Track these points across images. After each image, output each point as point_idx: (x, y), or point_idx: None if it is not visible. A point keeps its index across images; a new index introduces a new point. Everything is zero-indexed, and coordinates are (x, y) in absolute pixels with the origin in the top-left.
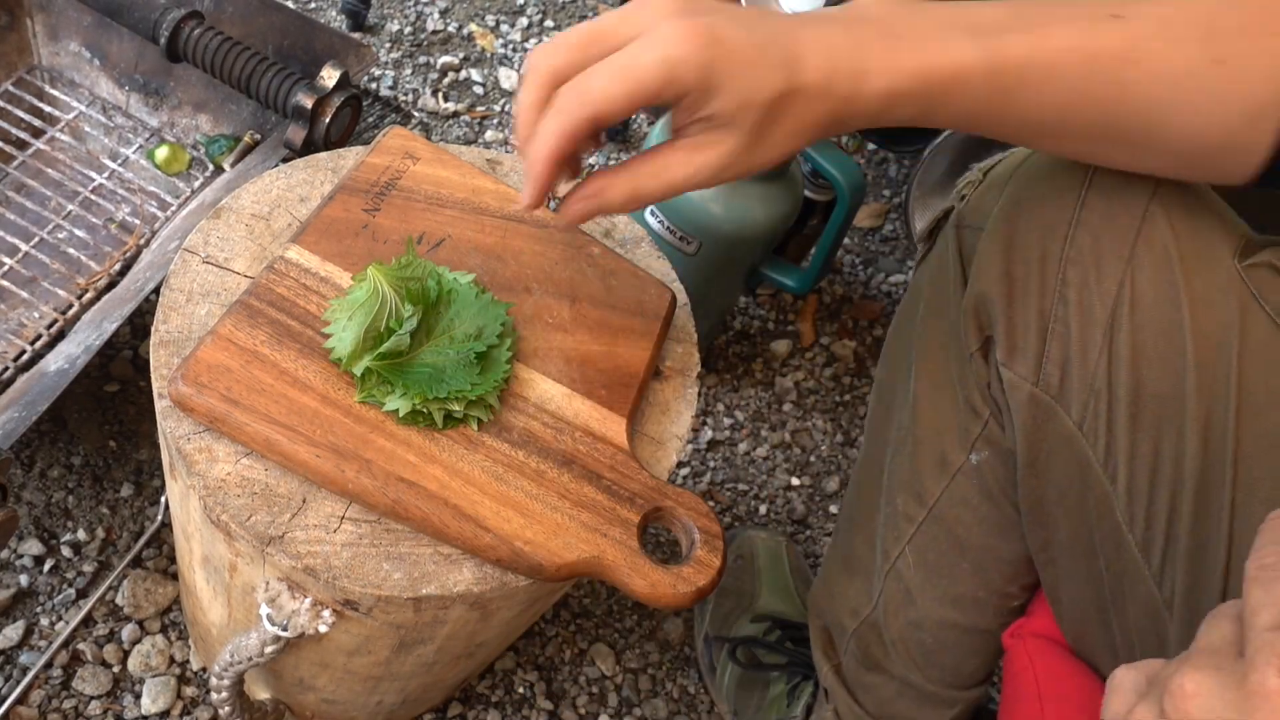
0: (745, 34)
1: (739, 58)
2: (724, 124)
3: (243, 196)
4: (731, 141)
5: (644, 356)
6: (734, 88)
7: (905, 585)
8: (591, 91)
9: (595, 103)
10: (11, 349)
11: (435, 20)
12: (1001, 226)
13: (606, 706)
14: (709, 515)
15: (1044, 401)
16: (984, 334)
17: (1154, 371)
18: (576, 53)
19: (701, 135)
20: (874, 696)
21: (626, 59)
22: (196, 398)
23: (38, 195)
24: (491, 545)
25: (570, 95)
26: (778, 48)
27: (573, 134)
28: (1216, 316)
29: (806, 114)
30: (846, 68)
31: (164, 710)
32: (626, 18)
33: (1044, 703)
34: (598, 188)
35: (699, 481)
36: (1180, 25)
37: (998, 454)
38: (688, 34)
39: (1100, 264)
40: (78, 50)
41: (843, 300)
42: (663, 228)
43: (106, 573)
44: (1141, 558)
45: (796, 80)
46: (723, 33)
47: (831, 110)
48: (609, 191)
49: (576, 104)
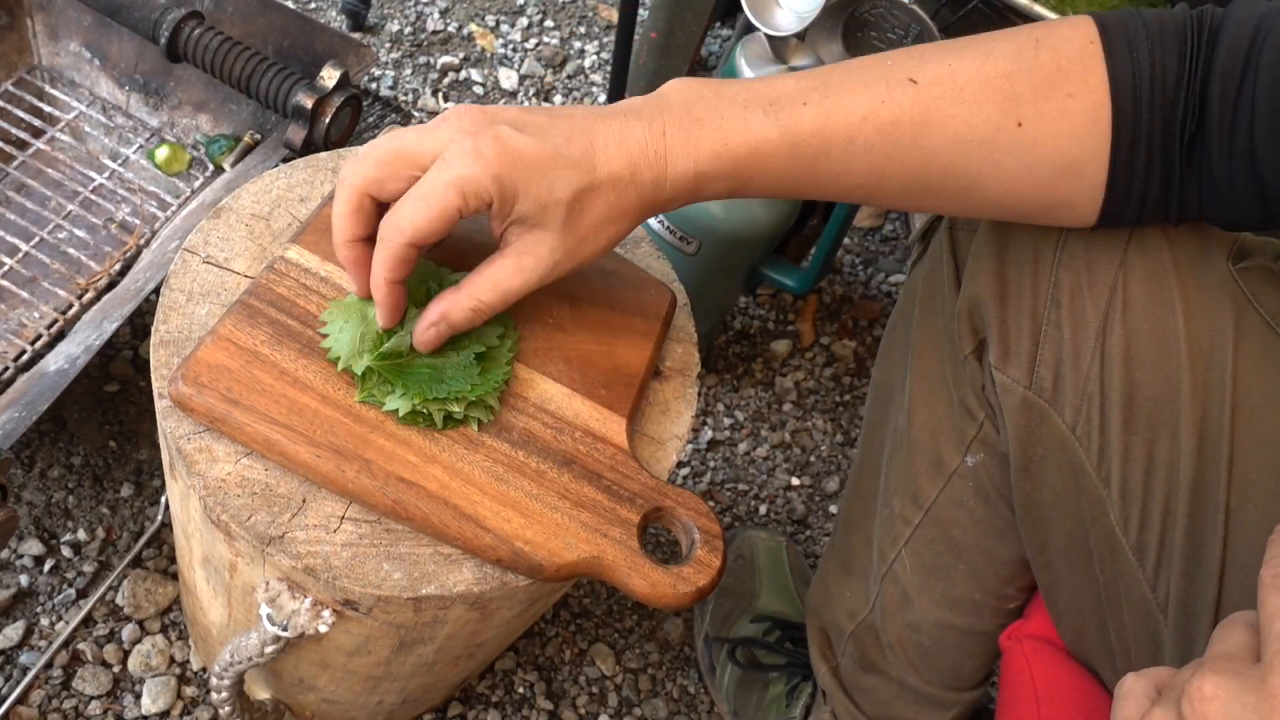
0: (536, 141)
1: (530, 164)
2: (535, 225)
3: (243, 196)
4: (550, 240)
5: (644, 356)
6: (532, 192)
7: (902, 587)
8: (403, 221)
9: (408, 231)
10: (12, 349)
11: (435, 20)
12: (995, 229)
13: (606, 706)
14: (709, 515)
15: (1037, 405)
16: (977, 337)
17: (1147, 374)
18: (383, 169)
19: (520, 241)
20: (871, 698)
21: (425, 187)
22: (196, 398)
23: (38, 195)
24: (491, 545)
25: (388, 229)
26: (572, 146)
27: (400, 259)
28: (1210, 319)
29: (617, 203)
30: (648, 157)
31: (164, 710)
32: (425, 135)
33: (1041, 704)
34: (441, 312)
35: (699, 481)
36: (974, 89)
37: (993, 456)
38: (477, 152)
39: (1092, 267)
40: (78, 50)
41: (843, 300)
42: (663, 228)
43: (106, 573)
44: (1136, 561)
45: (594, 175)
46: (513, 143)
47: (639, 197)
48: (453, 312)
49: (395, 234)
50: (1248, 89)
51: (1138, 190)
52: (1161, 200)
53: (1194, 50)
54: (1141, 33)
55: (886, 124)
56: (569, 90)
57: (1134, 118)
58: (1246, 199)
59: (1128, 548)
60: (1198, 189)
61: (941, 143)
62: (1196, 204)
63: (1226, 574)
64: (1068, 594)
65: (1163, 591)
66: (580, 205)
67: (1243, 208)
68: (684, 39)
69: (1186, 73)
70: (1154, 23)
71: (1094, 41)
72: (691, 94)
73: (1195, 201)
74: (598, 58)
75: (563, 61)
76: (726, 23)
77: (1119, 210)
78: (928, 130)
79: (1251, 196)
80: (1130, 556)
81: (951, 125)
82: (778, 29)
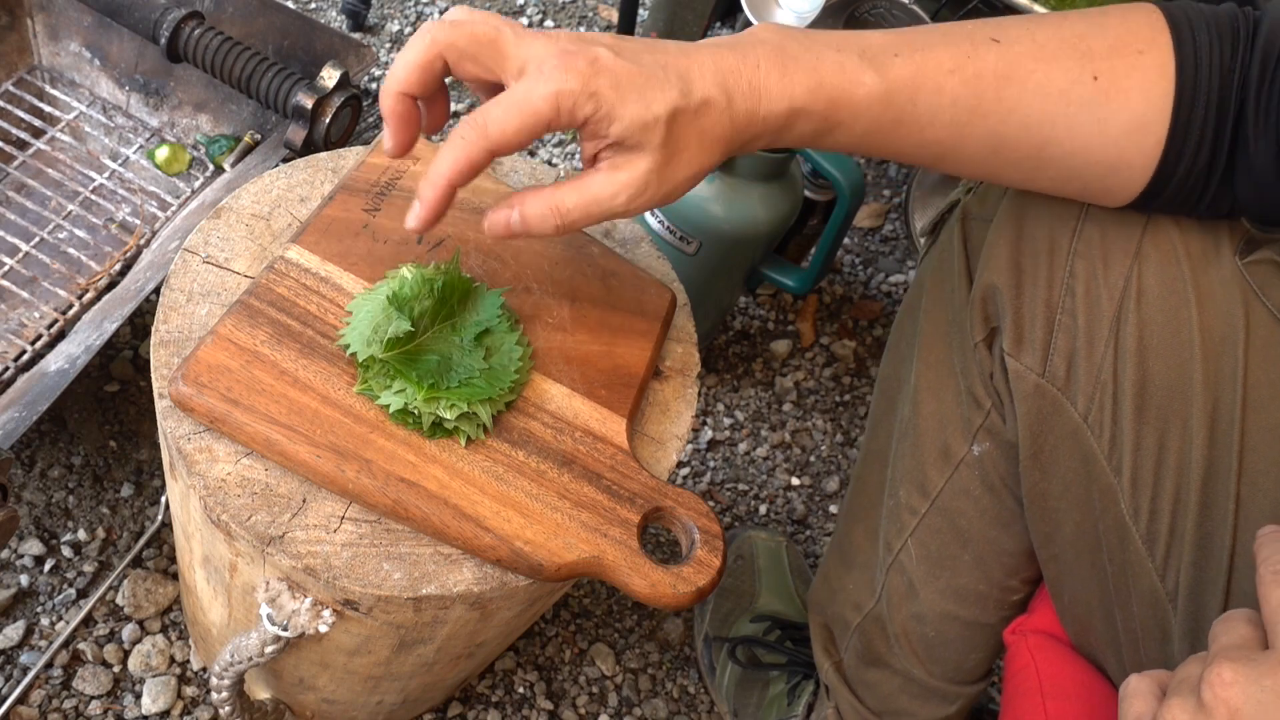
0: (631, 62)
1: (627, 83)
2: (632, 146)
3: (243, 196)
4: (646, 161)
5: (644, 356)
6: (628, 111)
7: (908, 578)
8: (490, 125)
9: (493, 136)
10: (12, 349)
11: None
12: (1010, 218)
13: (606, 706)
14: (709, 515)
15: (1050, 393)
16: (990, 324)
17: (1160, 364)
18: (472, 45)
19: (616, 158)
20: (875, 692)
21: (520, 94)
22: (197, 398)
23: (38, 195)
24: (491, 545)
25: (470, 128)
26: (667, 70)
27: (473, 164)
28: (1222, 311)
29: (711, 129)
30: (742, 86)
31: (164, 710)
32: (523, 40)
33: (1046, 699)
34: (519, 199)
35: (699, 481)
36: (1054, 46)
37: (999, 445)
38: (574, 66)
39: (1108, 257)
40: (78, 50)
41: (843, 300)
42: (663, 228)
43: (107, 573)
44: (1146, 550)
45: (691, 97)
46: (609, 63)
47: (733, 125)
48: (530, 205)
49: (478, 136)
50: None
51: (1185, 165)
52: (1203, 182)
53: (1245, 37)
54: (1199, 16)
55: (971, 76)
56: None
57: (1194, 88)
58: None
59: (1137, 536)
60: (1233, 175)
61: (1021, 95)
62: (1230, 192)
63: (1236, 563)
64: (1074, 585)
65: (1172, 581)
66: (677, 126)
67: (1271, 197)
68: (684, 39)
69: (1238, 59)
70: (1209, 11)
71: (1157, 14)
72: (784, 34)
73: (1229, 190)
74: None
75: None
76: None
77: (1163, 184)
78: (1010, 84)
79: None
80: (1140, 546)
81: (1032, 79)
82: None
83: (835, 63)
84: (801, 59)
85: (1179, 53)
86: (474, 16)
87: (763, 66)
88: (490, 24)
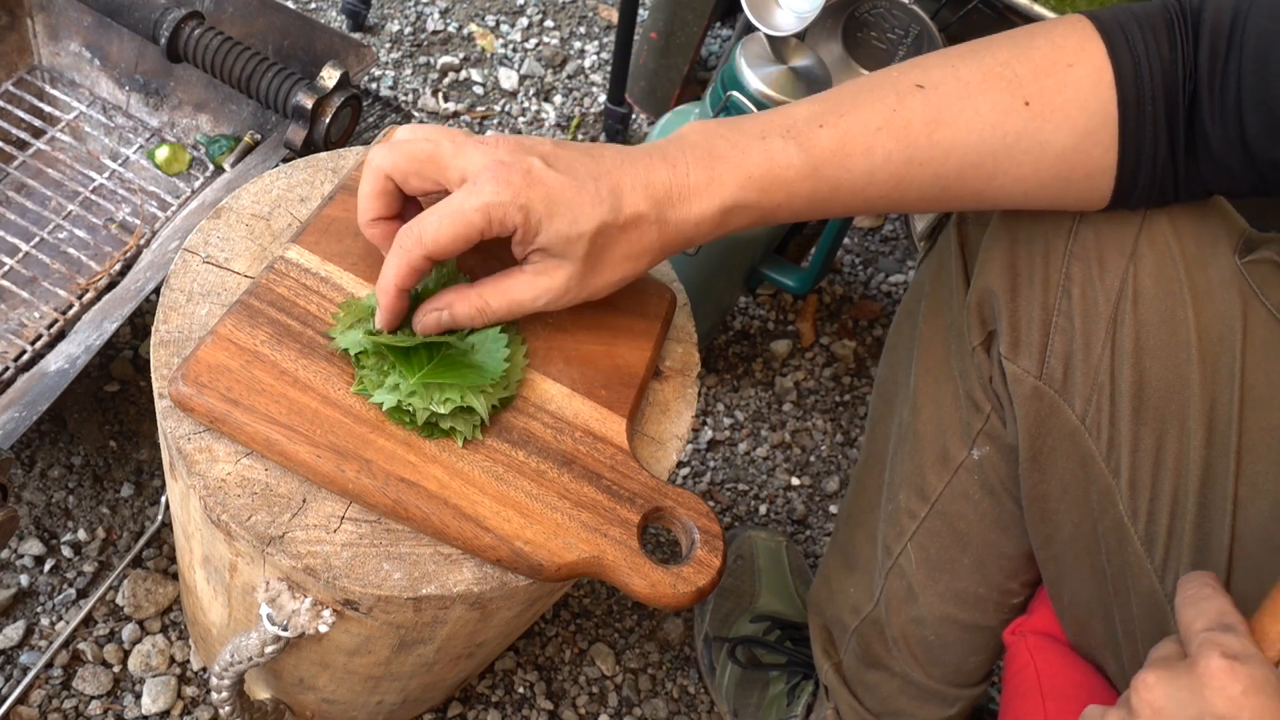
0: (565, 175)
1: (558, 197)
2: (557, 254)
3: (243, 196)
4: (568, 269)
5: (644, 356)
6: (555, 225)
7: (907, 581)
8: (425, 235)
9: (427, 244)
10: (12, 349)
11: (435, 20)
12: (1006, 222)
13: (606, 706)
14: (709, 515)
15: (1047, 395)
16: (987, 328)
17: (1157, 365)
18: (413, 164)
19: (541, 263)
20: (875, 694)
21: (453, 206)
22: (197, 398)
23: (38, 195)
24: (492, 545)
25: (407, 238)
26: (599, 185)
27: (414, 270)
28: (1219, 311)
29: (638, 241)
30: (673, 197)
31: (164, 710)
32: (461, 151)
33: (1046, 699)
34: (448, 301)
35: (699, 481)
36: (979, 81)
37: (999, 449)
38: (507, 179)
39: (1103, 259)
40: (78, 50)
41: (843, 300)
42: None
43: (107, 573)
44: (1144, 551)
45: (620, 213)
46: (541, 175)
47: (662, 236)
48: (458, 306)
49: (414, 244)
50: (1234, 61)
51: (1147, 163)
52: (1170, 172)
53: (1181, 28)
54: (1131, 20)
55: (900, 129)
56: (569, 90)
57: (1136, 87)
58: (1239, 167)
59: (1136, 538)
60: (1197, 160)
61: (955, 136)
62: (1199, 176)
63: (1234, 564)
64: (1073, 586)
65: (1170, 582)
66: (602, 241)
67: (1236, 175)
68: (684, 39)
69: (1180, 48)
70: (1140, 11)
71: (1086, 24)
72: (709, 134)
73: (1197, 173)
74: (598, 58)
75: (563, 62)
76: (726, 23)
77: (1130, 185)
78: (941, 127)
79: (1243, 164)
80: (1138, 546)
81: (962, 118)
82: (778, 29)
83: (761, 151)
84: (729, 157)
85: (1114, 57)
86: (415, 134)
87: (692, 174)
88: (430, 140)
